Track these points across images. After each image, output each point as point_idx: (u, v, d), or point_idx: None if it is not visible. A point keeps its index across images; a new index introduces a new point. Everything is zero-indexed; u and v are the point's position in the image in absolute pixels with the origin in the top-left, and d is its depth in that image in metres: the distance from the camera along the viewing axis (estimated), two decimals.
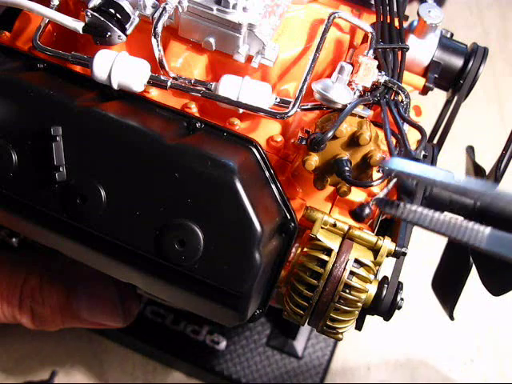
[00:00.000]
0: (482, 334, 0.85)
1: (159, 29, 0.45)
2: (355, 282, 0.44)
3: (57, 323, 0.62)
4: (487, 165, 0.54)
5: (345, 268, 0.44)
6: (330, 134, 0.41)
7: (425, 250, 0.76)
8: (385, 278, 0.47)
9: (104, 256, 0.43)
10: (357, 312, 0.45)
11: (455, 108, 0.57)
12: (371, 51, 0.47)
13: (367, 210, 0.41)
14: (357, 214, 0.42)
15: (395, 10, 0.51)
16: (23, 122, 0.43)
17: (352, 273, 0.44)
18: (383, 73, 0.46)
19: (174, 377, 0.80)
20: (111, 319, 0.62)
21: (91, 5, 0.45)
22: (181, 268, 0.41)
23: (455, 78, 0.56)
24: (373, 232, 0.47)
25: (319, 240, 0.44)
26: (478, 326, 0.85)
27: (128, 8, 0.46)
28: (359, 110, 0.44)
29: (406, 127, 0.46)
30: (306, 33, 0.49)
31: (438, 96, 0.61)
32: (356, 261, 0.44)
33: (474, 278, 0.53)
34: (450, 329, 0.83)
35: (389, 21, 0.50)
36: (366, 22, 0.49)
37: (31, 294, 0.60)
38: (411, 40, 0.54)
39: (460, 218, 0.33)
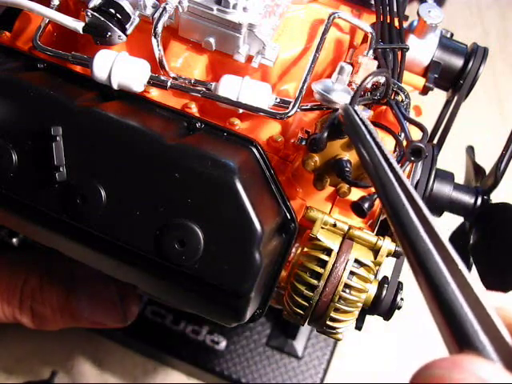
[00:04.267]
0: None
1: (159, 29, 0.45)
2: (355, 281, 0.44)
3: (57, 323, 0.62)
4: (487, 165, 0.54)
5: (345, 268, 0.44)
6: (325, 134, 0.40)
7: None
8: (385, 278, 0.47)
9: (104, 256, 0.43)
10: (357, 312, 0.45)
11: (455, 108, 0.57)
12: (371, 51, 0.47)
13: (368, 203, 0.41)
14: (358, 206, 0.42)
15: (395, 10, 0.51)
16: (23, 121, 0.43)
17: (352, 273, 0.44)
18: None
19: (174, 377, 0.80)
20: (111, 319, 0.62)
21: (91, 5, 0.45)
22: (181, 268, 0.40)
23: (455, 78, 0.56)
24: (373, 232, 0.47)
25: (319, 240, 0.44)
26: None
27: (128, 8, 0.46)
28: (359, 110, 0.43)
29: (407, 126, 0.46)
30: (306, 33, 0.49)
31: (438, 96, 0.61)
32: (356, 261, 0.44)
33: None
34: None
35: (389, 21, 0.50)
36: (365, 22, 0.49)
37: (31, 294, 0.60)
38: (411, 40, 0.54)
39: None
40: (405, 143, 0.41)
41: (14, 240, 0.66)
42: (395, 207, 0.28)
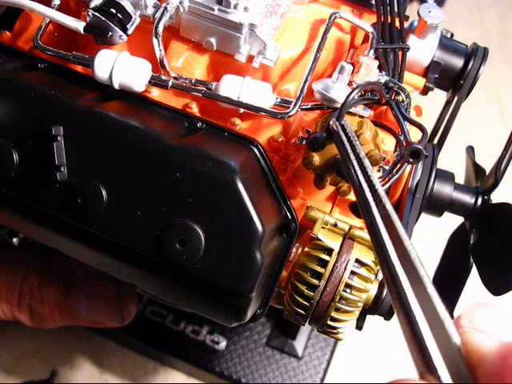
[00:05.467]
0: None
1: (160, 29, 0.45)
2: (356, 281, 0.44)
3: (55, 321, 0.62)
4: (487, 165, 0.54)
5: (346, 268, 0.44)
6: (325, 134, 0.41)
7: (425, 251, 0.76)
8: None
9: (105, 256, 0.43)
10: (357, 312, 0.45)
11: (455, 108, 0.57)
12: (372, 51, 0.47)
13: None
14: (356, 206, 0.42)
15: (396, 10, 0.51)
16: (24, 121, 0.43)
17: (353, 272, 0.44)
18: (384, 73, 0.46)
19: (174, 377, 0.80)
20: (110, 318, 0.62)
21: (92, 5, 0.45)
22: (182, 268, 0.41)
23: (455, 78, 0.56)
24: None
25: (320, 240, 0.44)
26: None
27: (129, 8, 0.46)
28: (359, 109, 0.44)
29: (407, 127, 0.46)
30: (307, 33, 0.49)
31: (438, 96, 0.61)
32: (357, 260, 0.44)
33: (474, 278, 0.53)
34: None
35: (389, 21, 0.50)
36: (366, 22, 0.49)
37: (30, 292, 0.60)
38: (411, 40, 0.54)
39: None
40: (404, 144, 0.41)
41: (14, 240, 0.66)
42: (373, 231, 0.29)
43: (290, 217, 0.44)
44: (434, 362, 0.24)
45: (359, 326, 0.48)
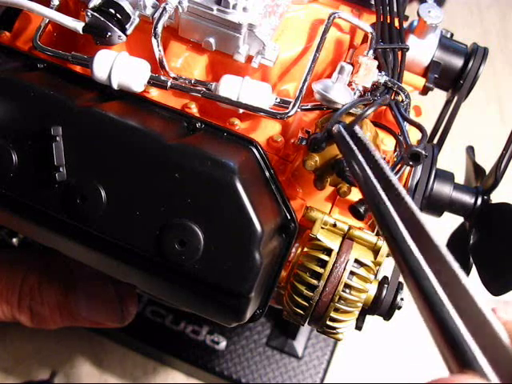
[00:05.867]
0: None
1: (159, 29, 0.45)
2: (355, 281, 0.44)
3: (55, 322, 0.62)
4: (487, 165, 0.54)
5: (345, 268, 0.44)
6: (326, 135, 0.40)
7: None
8: (385, 278, 0.47)
9: (104, 256, 0.43)
10: (357, 312, 0.45)
11: (455, 108, 0.57)
12: (371, 51, 0.47)
13: (365, 206, 0.41)
14: (355, 208, 0.42)
15: (395, 9, 0.51)
16: (23, 122, 0.43)
17: (352, 273, 0.44)
18: (383, 73, 0.46)
19: (174, 377, 0.80)
20: (110, 319, 0.62)
21: (91, 5, 0.45)
22: (181, 268, 0.41)
23: (455, 78, 0.56)
24: (373, 232, 0.47)
25: (319, 240, 0.44)
26: None
27: (128, 8, 0.46)
28: (359, 110, 0.44)
29: (407, 127, 0.46)
30: (306, 33, 0.49)
31: (438, 96, 0.61)
32: (356, 261, 0.44)
33: (474, 278, 0.53)
34: None
35: (389, 21, 0.50)
36: (365, 22, 0.49)
37: (30, 292, 0.60)
38: (411, 40, 0.54)
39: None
40: (404, 146, 0.41)
41: (14, 240, 0.66)
42: (389, 229, 0.28)
43: (289, 217, 0.44)
44: (471, 356, 0.22)
45: (359, 327, 0.48)
